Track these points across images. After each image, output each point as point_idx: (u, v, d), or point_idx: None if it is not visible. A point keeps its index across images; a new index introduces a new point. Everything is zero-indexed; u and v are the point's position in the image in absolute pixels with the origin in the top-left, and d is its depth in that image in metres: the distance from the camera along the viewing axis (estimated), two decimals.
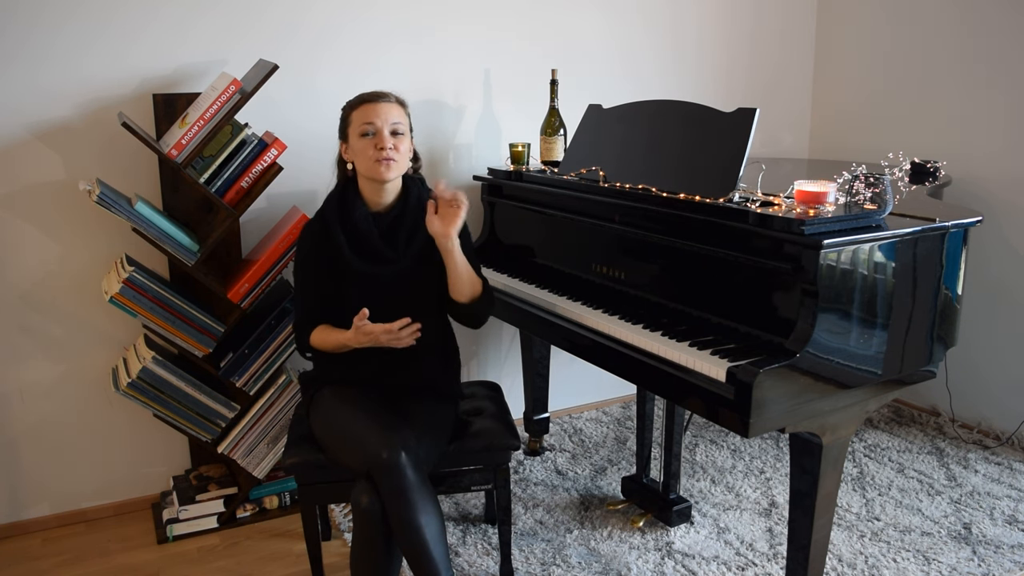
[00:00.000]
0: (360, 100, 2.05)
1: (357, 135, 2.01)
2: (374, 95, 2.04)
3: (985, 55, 3.00)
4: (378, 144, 1.98)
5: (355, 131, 2.02)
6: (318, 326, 2.07)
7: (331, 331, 2.04)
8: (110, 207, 2.20)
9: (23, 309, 2.46)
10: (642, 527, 2.49)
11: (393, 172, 2.01)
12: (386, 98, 2.04)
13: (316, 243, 2.06)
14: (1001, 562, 2.30)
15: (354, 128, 2.02)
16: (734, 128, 2.05)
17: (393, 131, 2.00)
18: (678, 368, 1.83)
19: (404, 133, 2.03)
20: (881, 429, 3.20)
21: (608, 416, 3.36)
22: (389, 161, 1.98)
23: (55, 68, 2.37)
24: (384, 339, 1.93)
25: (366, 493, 1.81)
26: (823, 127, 3.70)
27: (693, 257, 2.00)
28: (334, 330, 2.04)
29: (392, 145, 1.99)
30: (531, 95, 3.03)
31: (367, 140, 2.00)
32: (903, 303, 1.86)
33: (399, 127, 2.02)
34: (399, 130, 2.02)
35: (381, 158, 1.97)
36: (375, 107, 2.01)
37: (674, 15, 3.30)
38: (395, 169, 2.01)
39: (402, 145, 2.02)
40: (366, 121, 2.00)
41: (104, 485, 2.65)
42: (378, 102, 2.02)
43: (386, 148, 1.98)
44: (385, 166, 1.99)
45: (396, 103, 2.05)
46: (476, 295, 2.08)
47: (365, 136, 2.00)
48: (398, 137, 2.01)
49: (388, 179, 2.02)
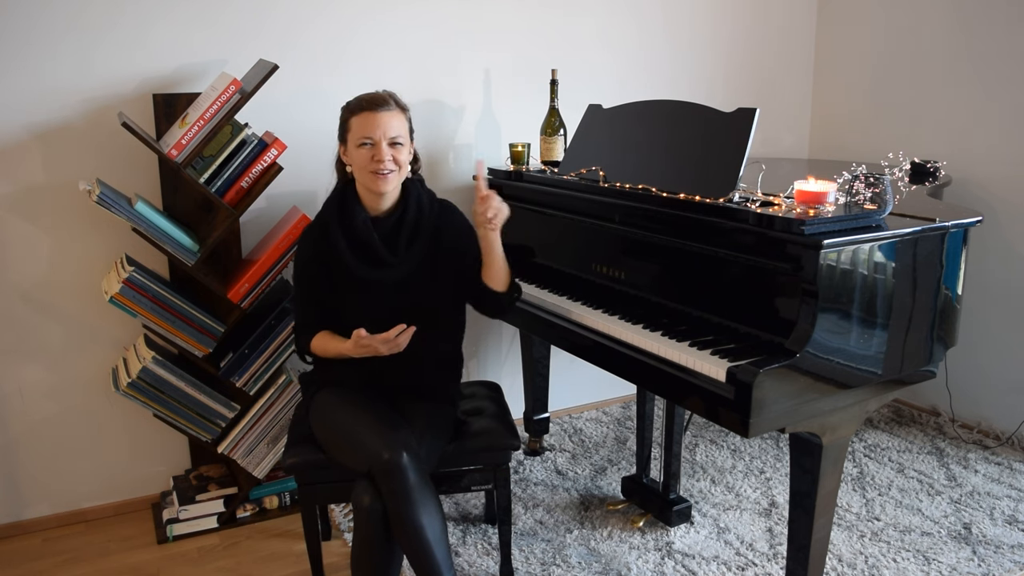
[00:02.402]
0: (359, 107, 1.99)
1: (355, 144, 1.98)
2: (374, 102, 1.99)
3: (985, 55, 3.00)
4: (376, 157, 1.95)
5: (353, 139, 1.99)
6: (319, 332, 2.07)
7: (331, 339, 2.03)
8: (110, 207, 2.20)
9: (23, 309, 2.46)
10: (642, 527, 2.49)
11: (391, 184, 2.00)
12: (386, 106, 1.98)
13: (316, 248, 2.05)
14: (1001, 562, 2.30)
15: (352, 136, 1.99)
16: (734, 128, 2.05)
17: (392, 142, 1.97)
18: (678, 368, 1.83)
19: (404, 143, 2.00)
20: (881, 429, 3.20)
21: (608, 416, 3.36)
22: (386, 175, 1.97)
23: (55, 68, 2.37)
24: (384, 349, 1.92)
25: (367, 493, 1.81)
26: (823, 127, 3.70)
27: (693, 257, 2.00)
28: (334, 338, 2.03)
29: (391, 157, 1.96)
30: (531, 95, 3.03)
31: (365, 151, 1.97)
32: (903, 303, 1.86)
33: (398, 138, 1.98)
34: (398, 141, 1.98)
35: (378, 171, 1.96)
36: (375, 117, 1.96)
37: (674, 15, 3.30)
38: (393, 180, 2.00)
39: (401, 155, 1.99)
40: (364, 134, 1.96)
41: (104, 485, 2.65)
42: (377, 111, 1.97)
43: (384, 162, 1.95)
44: (383, 180, 1.97)
45: (396, 109, 2.00)
46: (509, 283, 2.09)
47: (363, 146, 1.97)
48: (397, 148, 1.98)
49: (385, 191, 2.01)
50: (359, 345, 1.92)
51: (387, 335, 1.90)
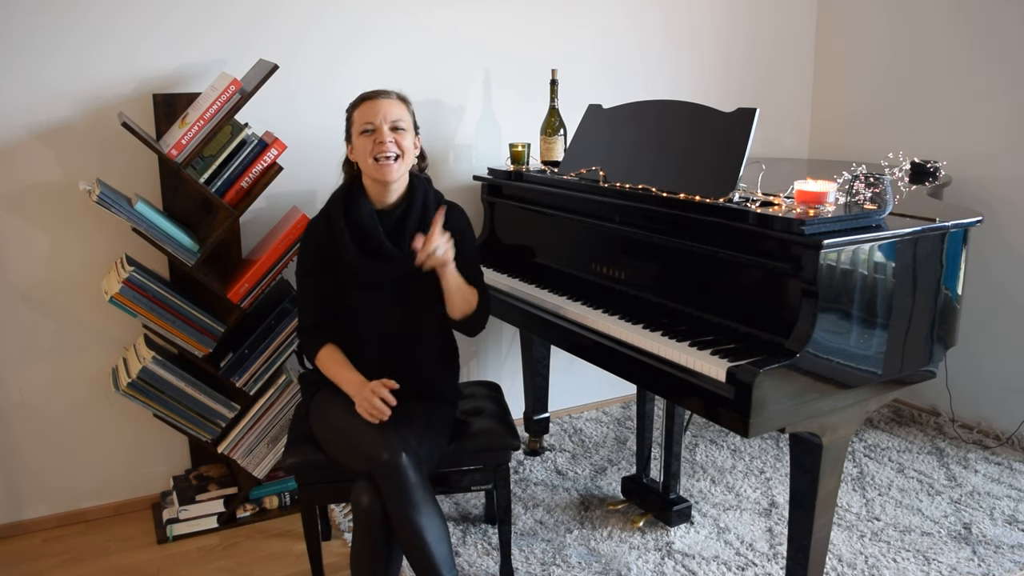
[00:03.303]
0: (361, 99, 2.05)
1: (358, 133, 2.01)
2: (374, 92, 2.04)
3: (985, 55, 3.00)
4: (377, 139, 1.97)
5: (357, 130, 2.02)
6: (327, 343, 2.06)
7: (340, 364, 2.03)
8: (110, 207, 2.20)
9: (23, 309, 2.46)
10: (642, 527, 2.49)
11: (396, 172, 2.00)
12: (386, 95, 2.04)
13: (320, 240, 2.06)
14: (1001, 562, 2.30)
15: (356, 127, 2.02)
16: (734, 128, 2.05)
17: (393, 127, 1.99)
18: (678, 368, 1.83)
19: (406, 129, 2.02)
20: (881, 429, 3.20)
21: (608, 416, 3.36)
22: (389, 161, 1.97)
23: (55, 68, 2.37)
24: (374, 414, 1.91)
25: (366, 493, 1.81)
26: (823, 127, 3.70)
27: (693, 257, 2.00)
28: (344, 364, 2.03)
29: (392, 140, 1.98)
30: (531, 95, 3.03)
31: (367, 137, 1.99)
32: (903, 303, 1.86)
33: (400, 123, 2.01)
34: (400, 126, 2.01)
35: (381, 155, 1.97)
36: (375, 103, 2.01)
37: (674, 15, 3.30)
38: (397, 169, 2.00)
39: (404, 141, 2.00)
40: (366, 120, 2.00)
41: (104, 485, 2.65)
42: (378, 99, 2.02)
43: (385, 143, 1.97)
44: (387, 167, 1.98)
45: (397, 99, 2.05)
46: (468, 313, 2.06)
47: (365, 133, 2.00)
48: (399, 132, 2.00)
49: (390, 179, 2.01)
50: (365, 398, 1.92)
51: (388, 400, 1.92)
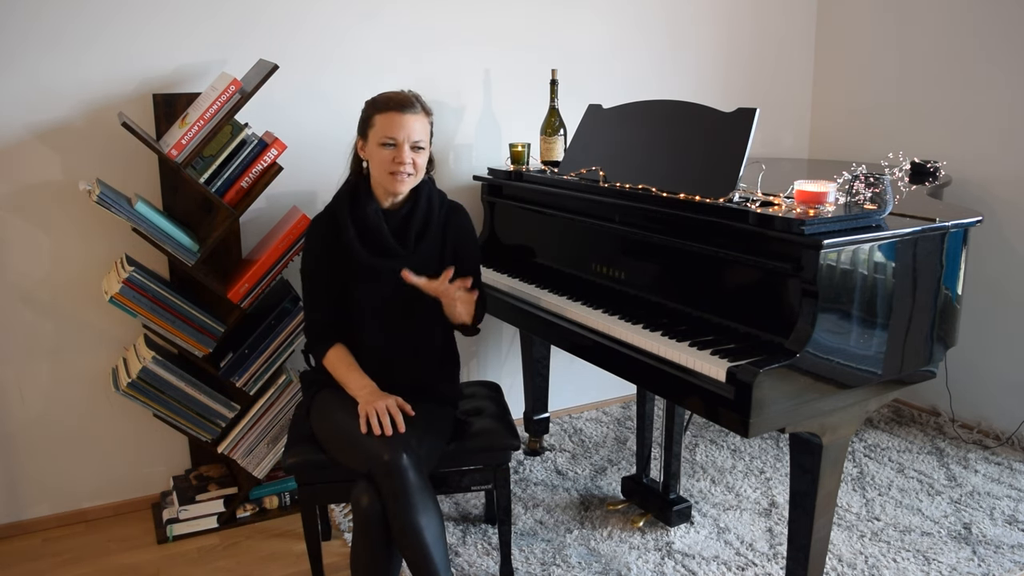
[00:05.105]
0: (386, 105, 2.00)
1: (377, 142, 1.99)
2: (401, 103, 1.99)
3: (985, 55, 3.00)
4: (397, 159, 1.97)
5: (375, 136, 2.00)
6: (335, 344, 2.06)
7: (350, 367, 2.03)
8: (110, 207, 2.20)
9: (23, 309, 2.46)
10: (642, 527, 2.49)
11: (407, 186, 2.02)
12: (413, 109, 2.00)
13: (325, 237, 2.07)
14: (1001, 562, 2.30)
15: (375, 133, 2.00)
16: (734, 128, 2.05)
17: (414, 146, 1.99)
18: (678, 368, 1.83)
19: (425, 148, 2.02)
20: (881, 429, 3.20)
21: (608, 416, 3.36)
22: (403, 176, 1.99)
23: (55, 68, 2.37)
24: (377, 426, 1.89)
25: (366, 493, 1.81)
26: (823, 127, 3.70)
27: (693, 257, 2.00)
28: (354, 367, 2.03)
29: (411, 161, 1.98)
30: (531, 95, 3.03)
31: (387, 151, 1.98)
32: (903, 303, 1.86)
33: (420, 143, 2.00)
34: (420, 145, 2.00)
35: (397, 172, 1.98)
36: (400, 119, 1.97)
37: (674, 15, 3.30)
38: (409, 183, 2.02)
39: (420, 159, 2.01)
40: (388, 134, 1.97)
41: (104, 485, 2.65)
42: (404, 113, 1.98)
43: (405, 163, 1.97)
44: (400, 182, 1.99)
45: (422, 113, 2.02)
46: (467, 322, 2.10)
47: (385, 146, 1.98)
48: (418, 151, 2.00)
49: (401, 192, 2.03)
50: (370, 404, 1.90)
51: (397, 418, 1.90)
